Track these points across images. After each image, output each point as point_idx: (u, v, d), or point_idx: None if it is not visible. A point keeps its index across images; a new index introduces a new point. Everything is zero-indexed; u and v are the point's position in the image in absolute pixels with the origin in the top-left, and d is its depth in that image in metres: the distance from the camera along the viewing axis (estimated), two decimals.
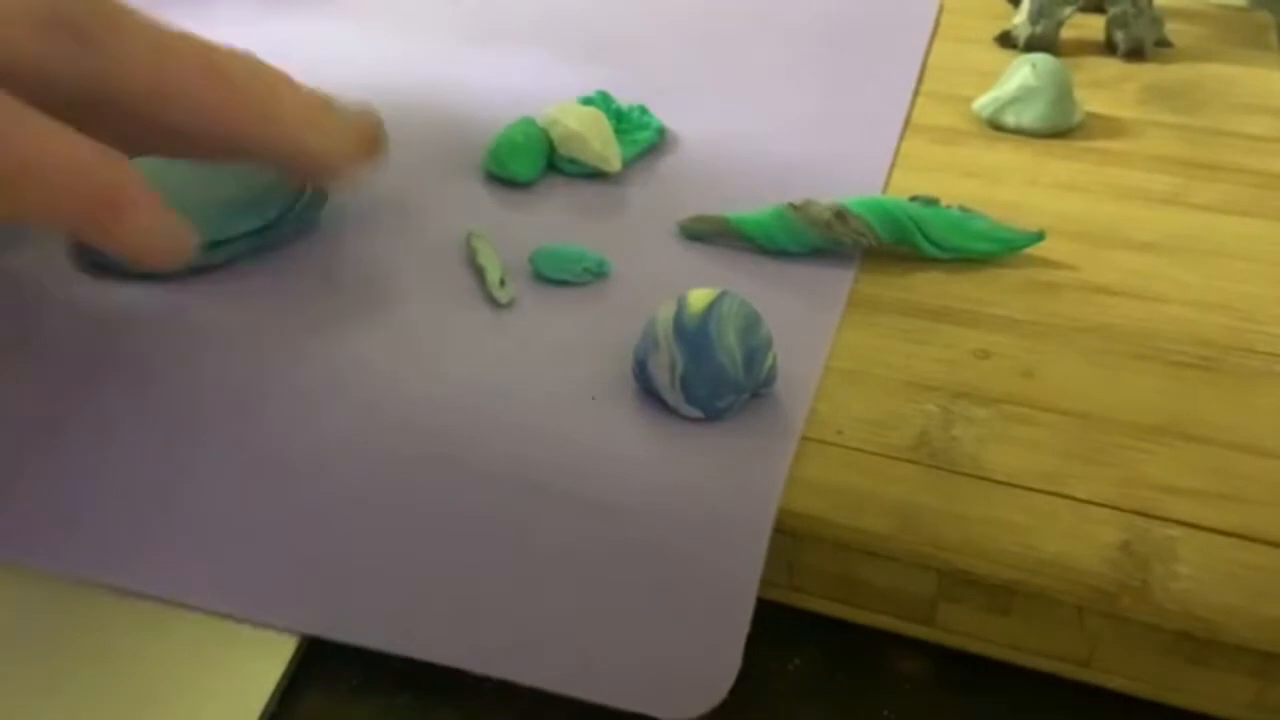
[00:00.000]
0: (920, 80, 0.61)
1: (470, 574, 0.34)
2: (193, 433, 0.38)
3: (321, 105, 0.42)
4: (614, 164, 0.51)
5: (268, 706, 0.32)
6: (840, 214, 0.45)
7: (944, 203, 0.47)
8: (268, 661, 0.33)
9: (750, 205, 0.47)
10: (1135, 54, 0.63)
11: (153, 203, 0.35)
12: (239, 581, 0.35)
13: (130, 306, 0.43)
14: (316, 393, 0.40)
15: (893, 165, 0.53)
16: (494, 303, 0.44)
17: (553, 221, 0.49)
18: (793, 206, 0.46)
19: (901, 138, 0.55)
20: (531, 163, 0.51)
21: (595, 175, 0.52)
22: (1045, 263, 0.46)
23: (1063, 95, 0.56)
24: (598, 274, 0.45)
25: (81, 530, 0.36)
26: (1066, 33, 0.64)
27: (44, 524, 0.36)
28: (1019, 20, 0.64)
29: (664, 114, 0.55)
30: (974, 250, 0.46)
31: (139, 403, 0.39)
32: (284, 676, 0.33)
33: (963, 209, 0.47)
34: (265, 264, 0.45)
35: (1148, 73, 0.62)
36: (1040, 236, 0.46)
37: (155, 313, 0.43)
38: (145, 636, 0.33)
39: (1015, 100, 0.56)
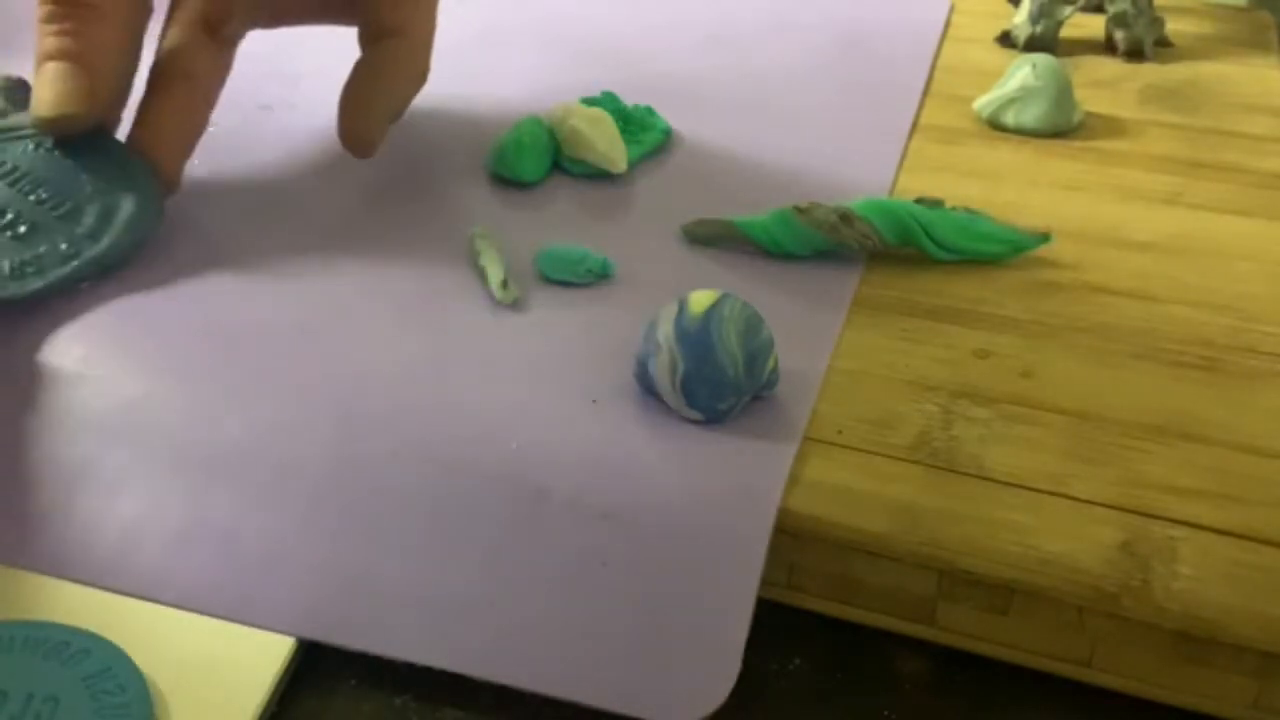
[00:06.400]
0: (929, 82, 0.61)
1: (469, 577, 0.34)
2: (189, 435, 0.38)
3: None
4: (619, 165, 0.51)
5: (267, 706, 0.32)
6: (846, 217, 0.45)
7: (949, 204, 0.47)
8: (266, 661, 0.33)
9: (756, 207, 0.47)
10: (1135, 54, 0.63)
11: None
12: (237, 585, 0.35)
13: (141, 296, 0.43)
14: (316, 395, 0.40)
15: (900, 167, 0.53)
16: (496, 303, 0.44)
17: (557, 222, 0.49)
18: (798, 209, 0.46)
19: (909, 140, 0.55)
20: (537, 163, 0.51)
21: (601, 176, 0.52)
22: (1045, 263, 0.46)
23: (1063, 95, 0.56)
24: (601, 275, 0.45)
25: (81, 534, 0.36)
26: (1066, 33, 0.64)
27: (45, 528, 0.36)
28: (1019, 20, 0.64)
29: (671, 115, 0.55)
30: (981, 252, 0.46)
31: (135, 403, 0.39)
32: (283, 677, 0.33)
33: (968, 210, 0.47)
34: (261, 263, 0.46)
35: (1148, 73, 0.62)
36: (1047, 238, 0.46)
37: (152, 310, 0.43)
38: (144, 637, 0.33)
39: (1015, 100, 0.56)
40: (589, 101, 0.54)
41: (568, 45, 0.63)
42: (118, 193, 0.44)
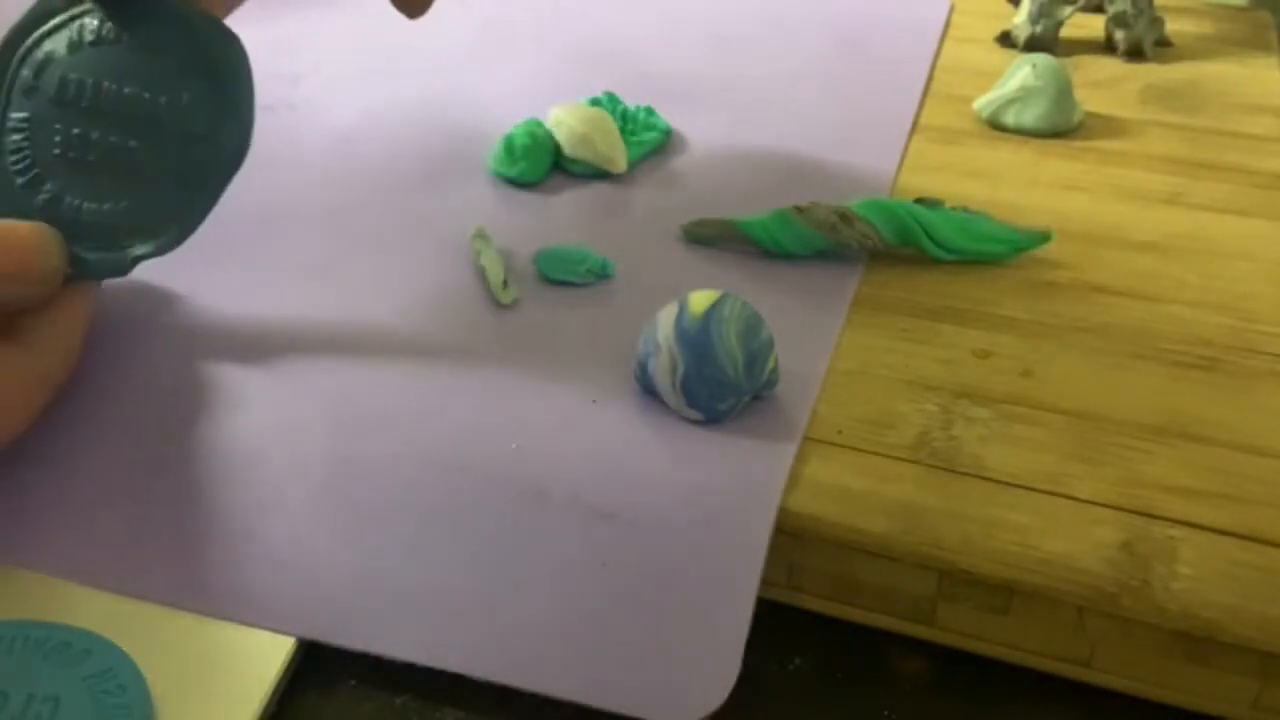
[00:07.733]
0: (929, 82, 0.61)
1: (469, 577, 0.34)
2: (190, 435, 0.38)
3: None
4: (619, 165, 0.51)
5: (267, 707, 0.32)
6: (845, 216, 0.45)
7: (948, 204, 0.47)
8: (266, 662, 0.33)
9: (756, 207, 0.47)
10: (1135, 54, 0.63)
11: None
12: (237, 585, 0.35)
13: (139, 296, 0.43)
14: (316, 395, 0.40)
15: (900, 167, 0.53)
16: (497, 303, 0.44)
17: (557, 222, 0.49)
18: (797, 209, 0.46)
19: (909, 140, 0.55)
20: (537, 163, 0.51)
21: (601, 176, 0.52)
22: (1045, 263, 0.46)
23: (1063, 95, 0.56)
24: (601, 275, 0.45)
25: (82, 535, 0.36)
26: (1066, 33, 0.64)
27: (45, 527, 0.36)
28: (1019, 20, 0.64)
29: (671, 115, 0.55)
30: (981, 252, 0.46)
31: (138, 404, 0.39)
32: (283, 677, 0.33)
33: (968, 210, 0.47)
34: (263, 264, 0.46)
35: (1148, 73, 0.62)
36: (1048, 237, 0.46)
37: (153, 312, 0.43)
38: (144, 637, 0.33)
39: (1015, 100, 0.56)
40: (590, 102, 0.54)
41: (568, 45, 0.63)
42: (200, 62, 0.38)
